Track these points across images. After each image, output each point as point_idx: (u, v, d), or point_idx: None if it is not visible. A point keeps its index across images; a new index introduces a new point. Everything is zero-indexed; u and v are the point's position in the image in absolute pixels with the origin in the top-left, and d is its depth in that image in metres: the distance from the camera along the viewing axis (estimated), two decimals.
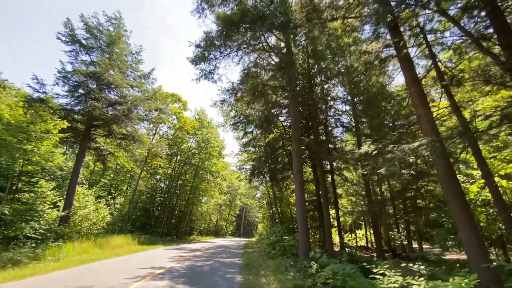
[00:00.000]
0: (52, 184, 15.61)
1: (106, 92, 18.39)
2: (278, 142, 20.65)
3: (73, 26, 18.05)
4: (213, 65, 11.48)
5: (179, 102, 30.03)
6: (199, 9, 10.21)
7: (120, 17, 20.11)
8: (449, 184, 5.55)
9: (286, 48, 12.14)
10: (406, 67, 7.06)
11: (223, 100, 13.55)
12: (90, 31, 18.44)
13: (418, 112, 6.45)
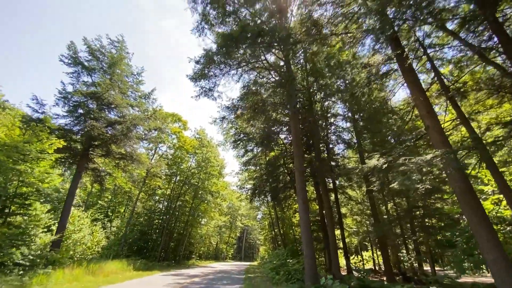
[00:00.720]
0: (47, 207, 15.06)
1: (106, 112, 18.36)
2: (279, 160, 20.29)
3: (77, 48, 18.40)
4: (212, 83, 11.45)
5: (179, 122, 30.04)
6: (199, 28, 10.36)
7: (123, 40, 20.57)
8: (467, 199, 5.14)
9: (286, 64, 12.18)
10: (410, 79, 6.91)
11: (223, 117, 13.43)
12: (93, 53, 18.77)
13: (427, 123, 6.19)
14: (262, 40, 9.18)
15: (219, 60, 10.83)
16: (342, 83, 16.88)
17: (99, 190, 29.97)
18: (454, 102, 7.40)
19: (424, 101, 6.35)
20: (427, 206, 14.07)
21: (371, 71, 8.05)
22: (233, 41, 9.06)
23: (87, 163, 18.04)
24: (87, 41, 18.34)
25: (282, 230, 26.18)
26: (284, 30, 8.85)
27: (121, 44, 20.22)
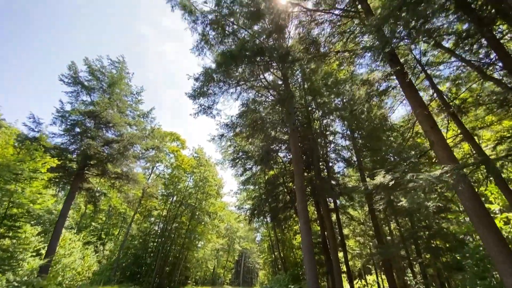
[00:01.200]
0: (37, 229, 14.39)
1: (104, 130, 18.21)
2: (278, 179, 19.91)
3: (77, 68, 18.63)
4: (211, 100, 11.43)
5: (177, 141, 29.88)
6: (199, 47, 10.51)
7: (123, 61, 20.89)
8: (481, 218, 4.85)
9: (284, 82, 12.27)
10: (410, 94, 6.86)
11: (221, 135, 13.29)
12: (93, 73, 18.98)
13: (431, 139, 6.03)
14: (261, 58, 9.27)
15: (218, 78, 10.88)
16: (340, 101, 17.02)
17: (92, 211, 29.07)
18: (456, 118, 7.32)
19: (427, 116, 6.25)
20: (433, 226, 13.59)
21: (370, 87, 8.04)
22: (233, 59, 9.13)
23: (82, 183, 17.58)
24: (88, 61, 18.60)
25: (282, 253, 25.14)
26: (282, 49, 8.97)
27: (122, 65, 20.51)
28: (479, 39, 7.88)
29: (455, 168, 4.38)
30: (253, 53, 8.99)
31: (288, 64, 9.46)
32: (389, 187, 5.32)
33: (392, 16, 7.07)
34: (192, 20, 10.20)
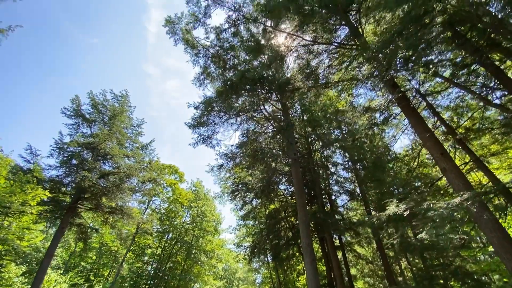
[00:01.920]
0: (22, 269, 13.27)
1: (101, 162, 17.88)
2: (279, 213, 19.00)
3: (80, 102, 18.96)
4: (211, 130, 11.32)
5: (175, 174, 29.32)
6: (200, 79, 10.72)
7: (126, 94, 21.36)
8: (507, 248, 4.31)
9: (284, 113, 12.29)
10: (415, 121, 6.70)
11: (220, 165, 12.94)
12: (96, 106, 19.26)
13: (442, 166, 5.71)
14: (262, 87, 9.37)
15: (218, 107, 10.89)
16: (340, 133, 16.98)
17: (82, 250, 27.33)
18: (464, 144, 7.07)
19: (435, 142, 6.00)
20: (450, 264, 12.53)
21: (372, 115, 7.94)
22: (233, 87, 9.21)
23: (73, 218, 16.72)
24: (92, 95, 18.98)
25: None
26: (282, 78, 9.11)
27: (124, 98, 20.92)
28: (475, 68, 8.02)
29: (476, 195, 3.99)
30: (254, 81, 9.11)
31: (288, 93, 9.54)
32: (403, 218, 4.85)
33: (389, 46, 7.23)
34: (194, 54, 10.55)
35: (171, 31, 10.10)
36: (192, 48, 10.45)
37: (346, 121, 12.85)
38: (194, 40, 10.42)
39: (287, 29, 7.89)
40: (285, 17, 7.46)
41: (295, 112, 14.26)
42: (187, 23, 10.08)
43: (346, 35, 9.39)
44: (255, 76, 8.98)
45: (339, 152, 18.66)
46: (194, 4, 8.91)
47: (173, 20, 9.97)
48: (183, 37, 10.24)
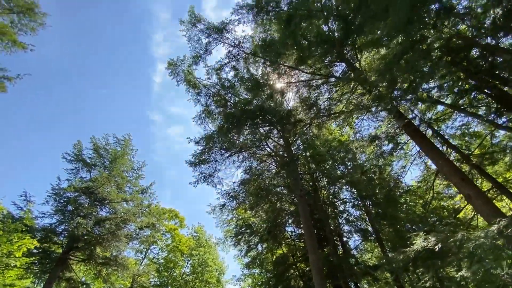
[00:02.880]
0: None
1: (98, 208, 17.11)
2: (288, 258, 17.42)
3: (82, 147, 19.01)
4: (213, 168, 10.94)
5: (175, 219, 27.96)
6: (201, 117, 10.76)
7: (129, 138, 21.46)
8: None
9: (286, 148, 12.04)
10: (427, 148, 6.36)
11: (222, 204, 12.20)
12: (97, 150, 19.23)
13: (465, 192, 5.18)
14: (263, 120, 9.29)
15: (220, 143, 10.68)
16: (345, 168, 16.47)
17: None
18: (482, 170, 6.61)
19: (453, 168, 5.57)
20: None
21: (379, 144, 7.64)
22: (235, 120, 9.12)
23: (63, 271, 15.31)
24: (94, 139, 19.08)
25: None
26: (283, 111, 9.09)
27: (126, 142, 20.97)
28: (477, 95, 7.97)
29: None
30: (254, 114, 9.06)
31: (290, 126, 9.42)
32: (434, 255, 4.17)
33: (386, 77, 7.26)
34: (196, 93, 10.77)
35: (174, 72, 10.51)
36: (194, 87, 10.73)
37: (352, 153, 12.48)
38: (195, 80, 10.75)
39: (286, 63, 8.14)
40: (284, 52, 7.76)
41: (297, 148, 14.02)
42: (189, 65, 10.56)
43: (343, 70, 9.65)
44: (256, 108, 8.98)
45: (346, 189, 17.90)
46: (195, 42, 9.42)
47: (176, 63, 10.45)
48: (185, 78, 10.59)
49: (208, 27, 8.82)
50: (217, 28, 8.66)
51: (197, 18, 8.81)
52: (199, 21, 8.84)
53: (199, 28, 8.94)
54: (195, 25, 8.91)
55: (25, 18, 11.47)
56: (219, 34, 8.91)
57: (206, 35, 9.01)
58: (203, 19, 8.83)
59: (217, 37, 9.01)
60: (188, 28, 9.04)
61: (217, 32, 8.85)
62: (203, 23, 8.85)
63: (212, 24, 8.62)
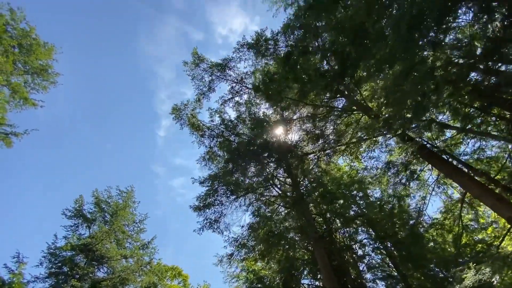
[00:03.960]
0: None
1: (95, 268, 15.72)
2: None
3: (83, 201, 18.51)
4: (218, 212, 10.22)
5: (179, 277, 25.51)
6: (206, 159, 10.52)
7: (132, 190, 20.94)
8: None
9: (294, 187, 11.44)
10: (449, 171, 5.88)
11: (230, 254, 10.99)
12: (98, 204, 18.66)
13: (507, 215, 4.55)
14: (269, 155, 8.97)
15: (226, 187, 10.17)
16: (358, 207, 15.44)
17: None
18: None
19: (483, 189, 5.02)
20: None
21: (393, 173, 7.16)
22: (239, 155, 8.81)
23: None
24: (96, 193, 18.64)
25: None
26: (289, 144, 8.85)
27: (129, 194, 20.41)
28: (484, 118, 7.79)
29: None
30: (259, 149, 8.79)
31: (297, 161, 9.06)
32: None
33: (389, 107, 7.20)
34: (200, 135, 10.75)
35: (178, 117, 10.69)
36: (197, 130, 10.76)
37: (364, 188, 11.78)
38: (199, 122, 10.85)
39: (288, 96, 8.23)
40: (285, 87, 7.92)
41: (306, 188, 13.36)
42: (193, 109, 10.80)
43: (344, 104, 9.73)
44: (260, 143, 8.77)
45: (363, 230, 16.55)
46: (199, 80, 9.76)
47: (179, 107, 10.72)
48: (189, 121, 10.72)
49: (211, 65, 9.26)
50: (219, 65, 9.08)
51: (200, 58, 9.32)
52: (202, 61, 9.33)
53: (202, 67, 9.40)
54: (198, 65, 9.39)
55: (38, 78, 12.24)
56: (221, 72, 9.30)
57: (209, 73, 9.42)
58: (206, 59, 9.36)
59: (219, 75, 9.38)
60: (192, 68, 9.50)
61: (220, 70, 9.25)
62: (206, 63, 9.34)
63: (215, 62, 9.07)
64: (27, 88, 12.12)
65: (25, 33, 10.87)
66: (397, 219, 10.58)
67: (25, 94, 11.10)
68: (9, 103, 11.64)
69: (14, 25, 10.59)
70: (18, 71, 11.28)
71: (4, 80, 9.78)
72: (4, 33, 9.58)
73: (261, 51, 8.18)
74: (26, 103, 12.16)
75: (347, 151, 10.99)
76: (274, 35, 8.03)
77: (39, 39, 11.44)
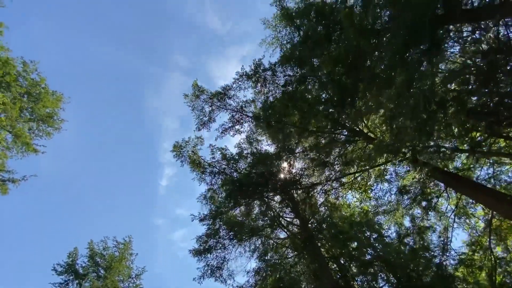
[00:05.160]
0: None
1: None
2: None
3: (78, 255, 17.35)
4: (221, 258, 9.23)
5: None
6: (206, 197, 9.98)
7: (129, 241, 19.71)
8: None
9: (303, 226, 10.59)
10: (472, 191, 5.36)
11: None
12: (93, 257, 17.42)
13: None
14: (273, 187, 8.44)
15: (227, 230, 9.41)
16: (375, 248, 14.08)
17: None
18: None
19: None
20: None
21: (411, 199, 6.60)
22: (241, 187, 8.27)
23: None
24: (91, 244, 17.53)
25: None
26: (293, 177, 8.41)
27: (126, 245, 19.13)
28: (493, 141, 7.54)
29: None
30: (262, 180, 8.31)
31: (304, 192, 8.50)
32: None
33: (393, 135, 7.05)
34: (201, 172, 10.42)
35: (178, 154, 10.52)
36: (198, 167, 10.49)
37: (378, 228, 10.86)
38: (200, 159, 10.63)
39: (289, 123, 8.12)
40: (284, 115, 7.89)
41: (316, 228, 12.39)
42: (194, 145, 10.68)
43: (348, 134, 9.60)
44: (263, 174, 8.35)
45: (382, 277, 14.84)
46: (199, 111, 9.75)
47: (181, 145, 10.60)
48: (190, 158, 10.51)
49: (211, 96, 9.40)
50: (219, 94, 9.20)
51: (201, 90, 9.51)
52: (202, 92, 9.51)
53: (203, 98, 9.54)
54: (198, 97, 9.54)
55: (43, 124, 12.48)
56: (221, 102, 9.39)
57: (209, 104, 9.51)
58: (206, 90, 9.55)
59: (219, 105, 9.46)
60: (192, 100, 9.64)
61: (220, 100, 9.35)
62: (206, 94, 9.50)
63: (215, 92, 9.24)
64: (31, 134, 12.27)
65: (35, 83, 11.46)
66: (420, 259, 9.47)
67: (27, 139, 11.16)
68: (10, 150, 11.65)
69: (25, 76, 11.22)
70: (24, 118, 11.56)
71: (9, 125, 9.94)
72: (15, 81, 10.09)
73: (259, 81, 8.41)
74: (28, 150, 12.16)
75: (355, 184, 10.47)
76: (271, 66, 8.35)
77: (48, 88, 12.01)
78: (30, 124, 11.98)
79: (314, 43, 7.36)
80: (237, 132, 9.52)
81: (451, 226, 8.86)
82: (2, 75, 9.23)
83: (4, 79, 9.40)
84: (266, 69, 8.33)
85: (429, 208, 7.39)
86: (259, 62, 8.27)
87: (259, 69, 8.32)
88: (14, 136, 10.61)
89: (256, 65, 8.36)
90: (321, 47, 7.51)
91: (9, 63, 10.11)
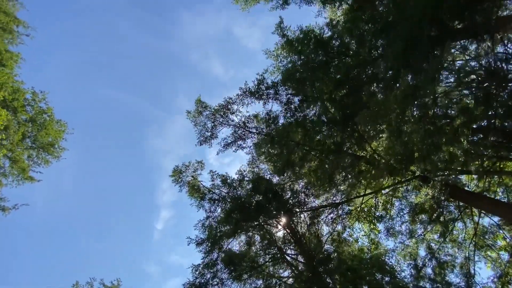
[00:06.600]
0: None
1: None
2: None
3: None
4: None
5: None
6: (205, 225, 9.33)
7: (118, 285, 18.13)
8: None
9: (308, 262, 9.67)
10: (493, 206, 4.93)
11: None
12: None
13: None
14: (277, 207, 7.84)
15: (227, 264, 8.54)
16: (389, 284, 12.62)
17: None
18: None
19: None
20: None
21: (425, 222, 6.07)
22: (243, 209, 7.66)
23: None
24: (77, 286, 15.95)
25: None
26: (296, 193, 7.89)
27: None
28: None
29: None
30: (265, 200, 7.74)
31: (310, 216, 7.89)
32: None
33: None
34: (200, 197, 9.93)
35: (178, 180, 10.14)
36: (197, 192, 10.05)
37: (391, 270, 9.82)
38: (199, 183, 10.25)
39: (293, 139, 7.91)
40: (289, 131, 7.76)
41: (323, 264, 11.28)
42: (194, 170, 10.37)
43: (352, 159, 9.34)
44: (267, 186, 7.84)
45: None
46: (201, 126, 9.59)
47: (180, 170, 10.28)
48: (189, 184, 10.14)
49: (214, 112, 9.40)
50: (222, 107, 9.17)
51: (204, 106, 9.55)
52: (205, 109, 9.52)
53: (205, 114, 9.52)
54: (201, 113, 9.53)
55: (43, 152, 12.36)
56: (224, 118, 9.32)
57: (212, 120, 9.44)
58: (208, 106, 9.59)
59: (222, 121, 9.36)
60: (195, 116, 9.62)
61: (222, 116, 9.30)
62: (208, 110, 9.51)
63: (218, 106, 9.26)
64: (30, 162, 12.09)
65: (41, 111, 11.69)
66: None
67: (24, 164, 10.92)
68: (7, 177, 11.38)
69: (33, 105, 11.52)
70: (25, 144, 11.50)
71: (8, 150, 9.83)
72: (22, 107, 10.31)
73: (262, 98, 8.51)
74: (24, 177, 11.86)
75: (362, 213, 9.88)
76: (274, 84, 8.54)
77: (53, 117, 12.21)
78: (30, 152, 11.88)
79: (315, 67, 7.65)
80: (240, 148, 9.37)
81: (472, 260, 8.05)
82: (10, 101, 9.48)
83: (12, 104, 9.62)
84: (269, 87, 8.52)
85: (446, 230, 6.78)
86: (262, 78, 8.53)
87: (262, 86, 8.51)
88: (12, 162, 10.43)
89: (259, 82, 8.58)
90: (322, 69, 7.78)
91: (20, 90, 10.47)
